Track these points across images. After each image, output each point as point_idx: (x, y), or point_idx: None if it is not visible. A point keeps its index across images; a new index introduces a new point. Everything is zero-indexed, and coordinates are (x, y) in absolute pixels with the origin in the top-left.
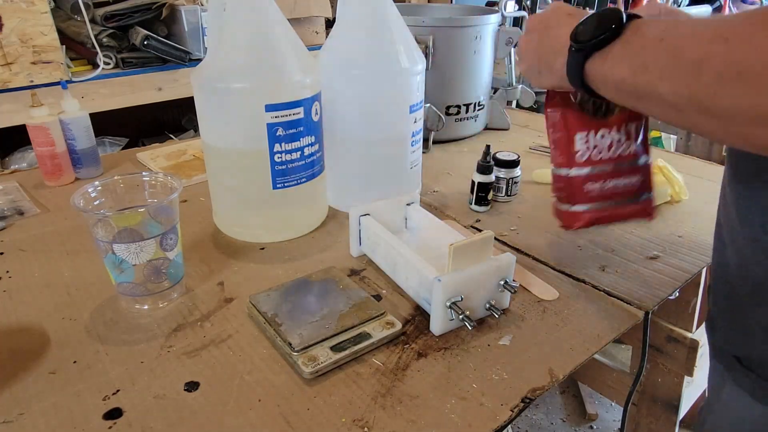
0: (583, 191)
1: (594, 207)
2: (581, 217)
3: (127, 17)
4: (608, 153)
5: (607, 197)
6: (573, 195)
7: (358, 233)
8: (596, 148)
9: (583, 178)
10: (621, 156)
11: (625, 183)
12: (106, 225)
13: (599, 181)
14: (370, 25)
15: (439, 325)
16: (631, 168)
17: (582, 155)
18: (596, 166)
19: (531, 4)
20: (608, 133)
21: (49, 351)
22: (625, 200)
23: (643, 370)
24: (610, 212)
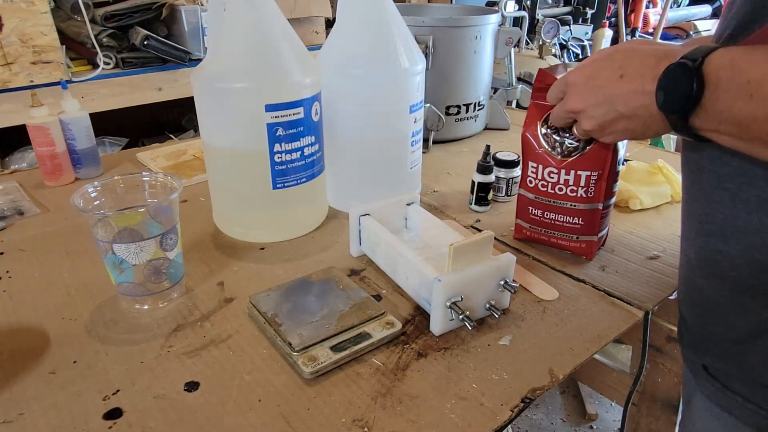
0: (527, 211)
1: (534, 228)
2: (522, 232)
3: (127, 17)
4: (553, 190)
5: (546, 226)
6: (519, 211)
7: (358, 233)
8: (542, 181)
9: (528, 201)
10: (565, 196)
11: (564, 220)
12: (106, 225)
13: (540, 209)
14: (370, 25)
15: (439, 325)
16: (574, 210)
17: (530, 182)
18: (540, 197)
19: (531, 4)
20: (556, 173)
21: (49, 351)
22: (563, 234)
23: (643, 370)
24: (548, 238)
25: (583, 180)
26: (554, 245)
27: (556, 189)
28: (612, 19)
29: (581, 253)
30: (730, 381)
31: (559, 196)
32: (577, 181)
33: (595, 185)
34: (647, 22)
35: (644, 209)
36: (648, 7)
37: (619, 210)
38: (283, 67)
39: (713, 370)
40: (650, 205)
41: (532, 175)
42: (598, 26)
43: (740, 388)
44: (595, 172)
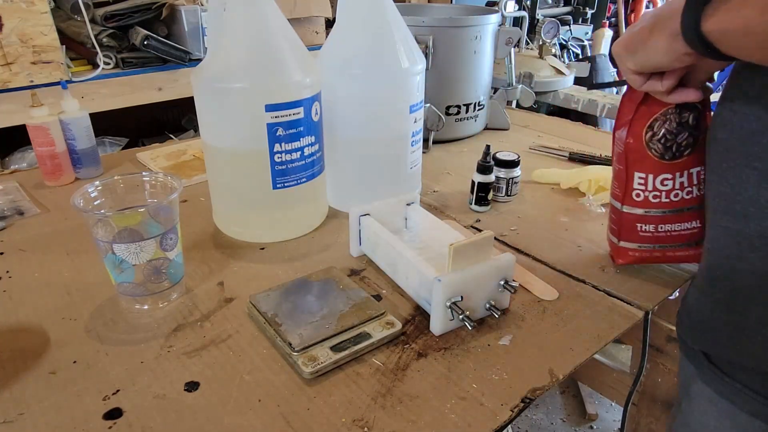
0: (634, 230)
1: (644, 247)
2: (627, 255)
3: (127, 17)
4: (668, 198)
5: (660, 240)
6: (622, 231)
7: (358, 233)
8: (654, 192)
9: (635, 218)
10: (682, 200)
11: (682, 228)
12: (106, 225)
13: (653, 223)
14: (370, 25)
15: (439, 325)
16: (690, 213)
17: (638, 195)
18: (652, 209)
19: (531, 4)
20: (670, 179)
21: (49, 351)
22: (679, 244)
23: (643, 370)
24: (662, 254)
25: (695, 177)
26: (665, 261)
27: (671, 196)
28: (612, 19)
29: (697, 260)
30: (731, 368)
31: (674, 203)
32: (690, 181)
33: (705, 178)
34: None
35: None
36: (648, 7)
37: None
38: (283, 67)
39: (715, 357)
40: None
41: (640, 187)
42: (598, 26)
43: (741, 375)
44: (700, 167)
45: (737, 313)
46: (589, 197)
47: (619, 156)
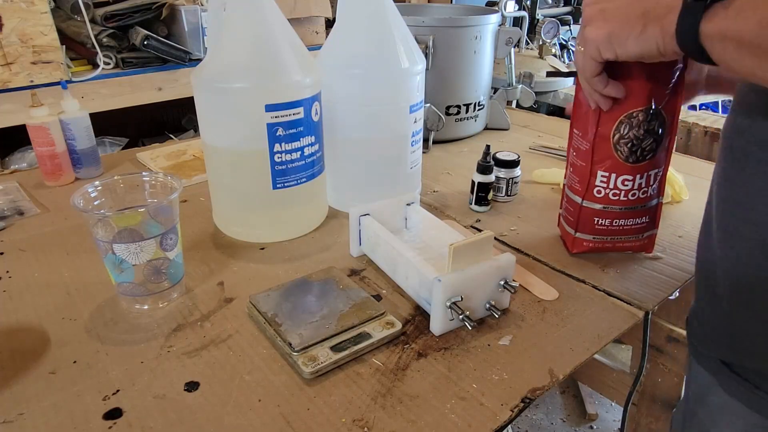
0: (591, 223)
1: (598, 239)
2: (582, 245)
3: (127, 17)
4: (626, 197)
5: (613, 233)
6: (580, 224)
7: (358, 233)
8: (614, 190)
9: (594, 212)
10: (638, 199)
11: (633, 222)
12: (106, 225)
13: (609, 218)
14: (370, 25)
15: (439, 325)
16: (642, 210)
17: (599, 192)
18: (610, 206)
19: (531, 4)
20: (630, 179)
21: (49, 351)
22: (629, 236)
23: (643, 370)
24: (613, 245)
25: (652, 178)
26: (616, 250)
27: (629, 195)
28: None
29: (642, 249)
30: (761, 380)
31: (631, 201)
32: (648, 182)
33: (660, 179)
34: None
35: None
36: None
37: None
38: (283, 67)
39: (739, 368)
40: None
41: (602, 185)
42: None
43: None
44: (660, 168)
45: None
46: None
47: (583, 153)
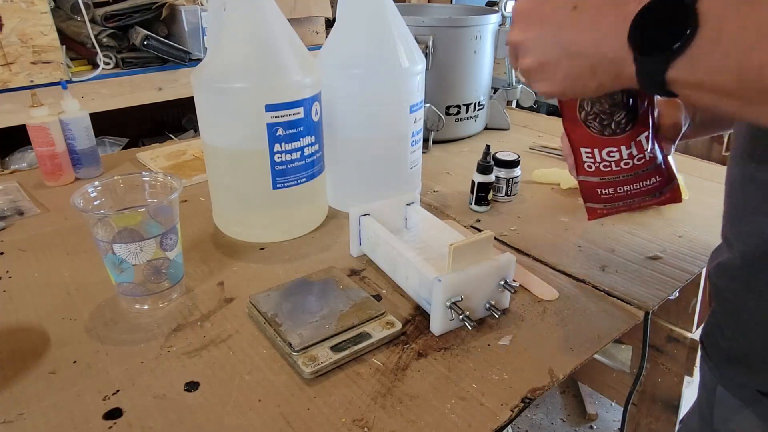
0: (596, 194)
1: (609, 206)
2: (596, 213)
3: (127, 17)
4: (618, 166)
5: (622, 198)
6: (585, 196)
7: (358, 233)
8: (603, 162)
9: (594, 184)
10: (634, 166)
11: (641, 185)
12: (106, 225)
13: (611, 187)
14: (370, 25)
15: (439, 325)
16: (647, 173)
17: (590, 167)
18: (606, 176)
19: None
20: (615, 150)
21: (49, 351)
22: (646, 197)
23: (643, 370)
24: (629, 207)
25: (644, 142)
26: (640, 208)
27: (622, 165)
28: None
29: (671, 201)
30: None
31: (626, 169)
32: (640, 148)
33: (653, 142)
34: None
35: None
36: None
37: None
38: (283, 67)
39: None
40: None
41: (589, 160)
42: None
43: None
44: (646, 131)
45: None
46: None
47: (564, 135)
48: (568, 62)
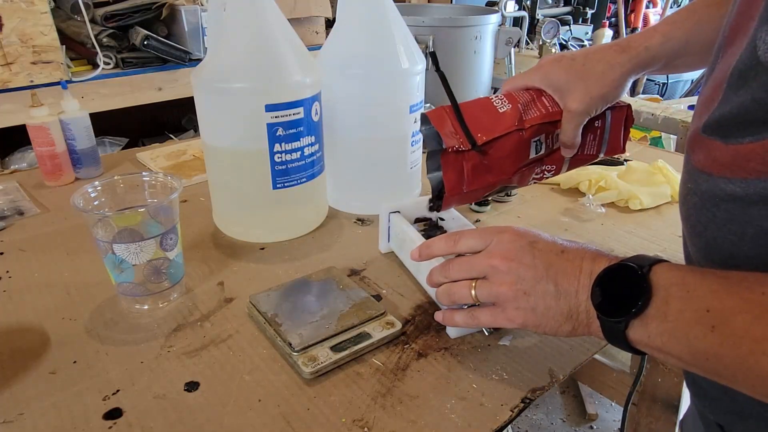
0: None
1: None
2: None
3: (127, 17)
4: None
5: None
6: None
7: (387, 230)
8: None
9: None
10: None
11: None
12: (106, 225)
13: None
14: (370, 25)
15: (457, 330)
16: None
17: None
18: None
19: (531, 4)
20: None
21: (49, 351)
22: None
23: (643, 370)
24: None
25: (546, 169)
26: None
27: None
28: (612, 19)
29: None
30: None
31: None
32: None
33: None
34: (647, 22)
35: (644, 209)
36: (648, 7)
37: (619, 210)
38: (283, 67)
39: (730, 429)
40: (650, 205)
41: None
42: (598, 26)
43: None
44: (551, 167)
45: None
46: (589, 197)
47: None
48: (552, 300)
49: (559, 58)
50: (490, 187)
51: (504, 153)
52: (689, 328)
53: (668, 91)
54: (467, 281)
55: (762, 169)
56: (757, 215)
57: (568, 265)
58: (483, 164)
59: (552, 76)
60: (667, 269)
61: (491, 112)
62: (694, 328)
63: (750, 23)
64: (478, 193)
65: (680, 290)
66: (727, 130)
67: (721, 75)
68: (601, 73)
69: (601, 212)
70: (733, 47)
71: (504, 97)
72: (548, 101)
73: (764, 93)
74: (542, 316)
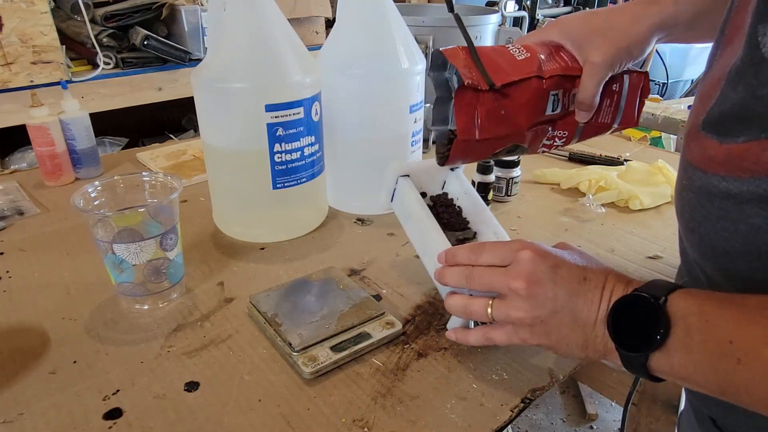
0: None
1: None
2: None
3: (127, 17)
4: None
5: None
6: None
7: (392, 190)
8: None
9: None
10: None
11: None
12: (106, 225)
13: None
14: (370, 25)
15: (455, 320)
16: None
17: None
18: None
19: (531, 4)
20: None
21: (49, 351)
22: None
23: None
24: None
25: (559, 134)
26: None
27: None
28: None
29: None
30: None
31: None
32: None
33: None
34: None
35: (644, 209)
36: None
37: (619, 210)
38: (283, 67)
39: (721, 423)
40: (650, 205)
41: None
42: None
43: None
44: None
45: None
46: (589, 197)
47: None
48: (568, 330)
49: (578, 14)
50: (501, 141)
51: (522, 100)
52: (715, 360)
53: (668, 91)
54: (484, 299)
55: (755, 169)
56: (751, 212)
57: (589, 295)
58: (498, 110)
59: (572, 30)
60: (683, 297)
61: (509, 58)
62: (721, 360)
63: (747, 19)
64: (488, 147)
65: (699, 320)
66: (725, 127)
67: (720, 71)
68: (627, 25)
69: (601, 212)
70: (732, 44)
71: (522, 47)
72: (567, 56)
73: (765, 90)
74: (557, 342)
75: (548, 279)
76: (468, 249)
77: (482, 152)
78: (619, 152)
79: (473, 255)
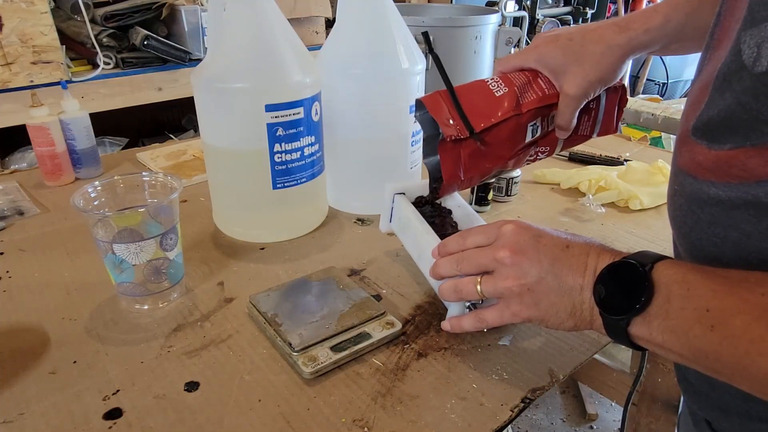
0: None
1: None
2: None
3: (127, 17)
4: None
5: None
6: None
7: (390, 210)
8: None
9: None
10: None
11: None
12: (106, 225)
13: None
14: (370, 25)
15: (455, 307)
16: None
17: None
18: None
19: (531, 4)
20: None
21: (49, 351)
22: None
23: (643, 370)
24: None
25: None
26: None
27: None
28: None
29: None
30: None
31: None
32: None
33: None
34: None
35: (644, 209)
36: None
37: (619, 210)
38: (283, 67)
39: (717, 426)
40: (650, 205)
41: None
42: None
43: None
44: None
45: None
46: (589, 197)
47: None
48: (555, 297)
49: (555, 38)
50: (487, 173)
51: (501, 138)
52: (690, 326)
53: (668, 91)
54: (472, 277)
55: (743, 175)
56: (740, 219)
57: (573, 260)
58: (480, 151)
59: (548, 58)
60: (669, 266)
61: (488, 96)
62: (695, 326)
63: (735, 25)
64: (475, 179)
65: (681, 288)
66: (713, 133)
67: (708, 77)
68: (599, 55)
69: (601, 212)
70: (720, 50)
71: (500, 79)
72: (544, 83)
73: (749, 97)
74: (546, 311)
75: (531, 246)
76: (456, 236)
77: (470, 183)
78: (619, 152)
79: (461, 240)
